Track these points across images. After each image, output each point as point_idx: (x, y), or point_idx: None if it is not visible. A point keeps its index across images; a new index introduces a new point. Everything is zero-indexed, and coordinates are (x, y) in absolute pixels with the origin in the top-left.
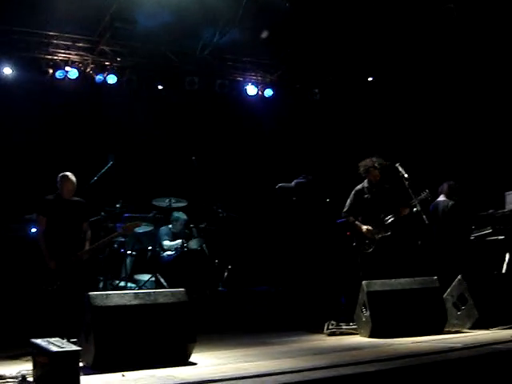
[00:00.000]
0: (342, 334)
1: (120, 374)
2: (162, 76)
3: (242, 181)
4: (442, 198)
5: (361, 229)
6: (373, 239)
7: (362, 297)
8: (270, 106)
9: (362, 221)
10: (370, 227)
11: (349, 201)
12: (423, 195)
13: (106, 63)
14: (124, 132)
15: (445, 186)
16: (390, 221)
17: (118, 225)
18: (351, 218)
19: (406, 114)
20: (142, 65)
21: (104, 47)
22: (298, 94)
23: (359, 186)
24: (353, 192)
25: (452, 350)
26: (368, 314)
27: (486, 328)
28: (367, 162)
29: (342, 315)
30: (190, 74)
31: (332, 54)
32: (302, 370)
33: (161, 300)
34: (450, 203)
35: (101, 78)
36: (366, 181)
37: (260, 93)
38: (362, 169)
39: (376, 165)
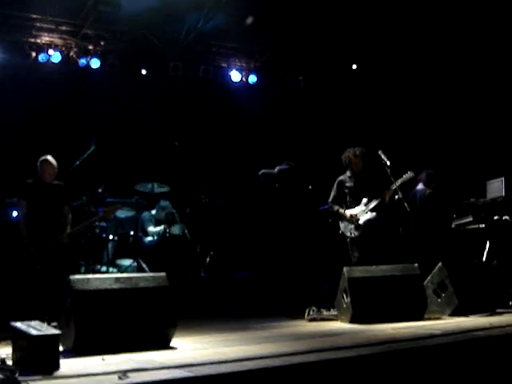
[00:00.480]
0: (322, 319)
1: (100, 357)
2: (145, 61)
3: (225, 167)
4: (420, 186)
5: (345, 215)
6: (358, 224)
7: (343, 283)
8: (254, 92)
9: (346, 209)
10: (353, 212)
11: (333, 191)
12: (406, 176)
13: (90, 47)
14: (107, 116)
15: (423, 175)
16: (373, 205)
17: (99, 209)
18: (335, 207)
19: (390, 101)
20: (126, 49)
21: (87, 31)
22: (282, 81)
23: (342, 176)
24: (336, 182)
25: (432, 336)
26: (349, 300)
27: (466, 315)
28: (347, 152)
29: (323, 301)
30: (173, 60)
31: (316, 41)
32: (282, 355)
33: (142, 284)
34: (428, 191)
35: (84, 61)
36: (348, 171)
37: (244, 79)
38: (343, 160)
39: (357, 153)
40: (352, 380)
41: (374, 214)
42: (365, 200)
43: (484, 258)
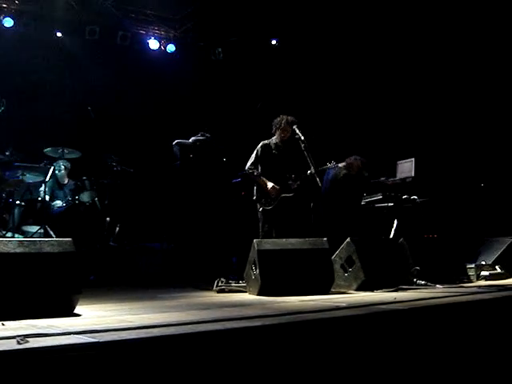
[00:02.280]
0: (231, 291)
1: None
2: (61, 23)
3: (139, 135)
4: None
5: (265, 185)
6: (276, 197)
7: (253, 255)
8: (172, 61)
9: (265, 177)
10: (275, 185)
11: (254, 154)
12: (328, 166)
13: (4, 5)
14: (18, 77)
15: (352, 159)
16: (295, 185)
17: (7, 173)
18: (255, 172)
19: (307, 78)
20: (41, 10)
21: None
22: (201, 52)
23: (267, 141)
24: (260, 146)
25: (337, 308)
26: (257, 272)
27: (371, 290)
28: (281, 117)
29: (232, 274)
30: (91, 23)
31: (237, 14)
32: (187, 323)
33: (46, 249)
34: (343, 172)
35: None
36: (274, 137)
37: (162, 48)
38: (275, 124)
39: (289, 121)
40: (258, 349)
41: (292, 193)
42: (285, 176)
43: (391, 236)
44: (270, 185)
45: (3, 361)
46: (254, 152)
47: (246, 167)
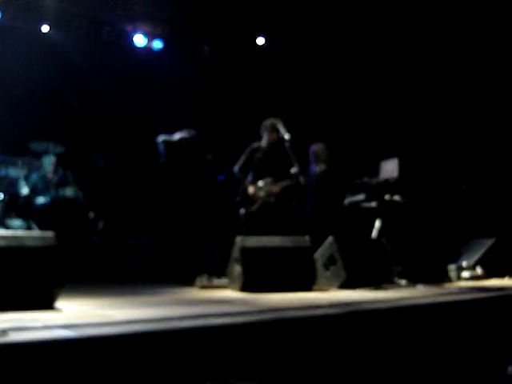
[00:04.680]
0: (213, 287)
1: None
2: (48, 17)
3: (123, 131)
4: (313, 165)
5: (248, 189)
6: (257, 201)
7: (236, 252)
8: (158, 58)
9: (251, 179)
10: (256, 189)
11: (243, 157)
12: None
13: None
14: (2, 71)
15: (310, 154)
16: (277, 189)
17: None
18: (240, 175)
19: (292, 76)
20: (29, 3)
21: None
22: (188, 50)
23: (256, 144)
24: (248, 149)
25: (318, 306)
26: (240, 269)
27: (353, 289)
28: (271, 120)
29: (215, 270)
30: (78, 18)
31: (224, 13)
32: (169, 319)
33: (28, 243)
34: (322, 168)
35: None
36: (263, 140)
37: (149, 44)
38: (264, 127)
39: (277, 127)
40: (239, 346)
41: (273, 199)
42: (269, 179)
43: (374, 236)
44: (253, 188)
45: None
46: (243, 154)
47: (234, 169)
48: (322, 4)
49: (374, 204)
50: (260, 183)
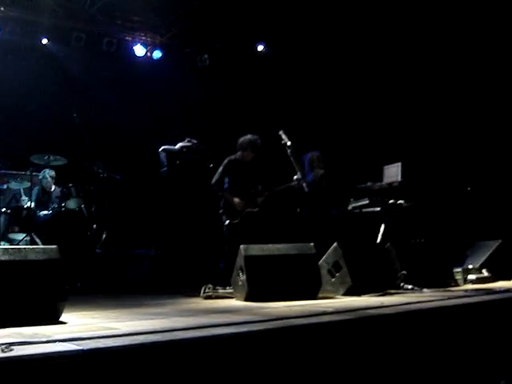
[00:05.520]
0: (217, 297)
1: None
2: (47, 30)
3: (125, 141)
4: (309, 173)
5: (232, 200)
6: (241, 211)
7: (240, 261)
8: (158, 68)
9: (231, 191)
10: (240, 200)
11: (221, 169)
12: (292, 183)
13: None
14: (3, 84)
15: (305, 164)
16: (260, 200)
17: None
18: (221, 187)
19: (293, 83)
20: (27, 16)
21: None
22: (188, 59)
23: (233, 157)
24: (226, 161)
25: (324, 313)
26: (244, 278)
27: (359, 295)
28: (248, 138)
29: (220, 280)
30: (77, 30)
31: (223, 20)
32: (173, 330)
33: (31, 256)
34: (320, 173)
35: None
36: (238, 154)
37: (148, 54)
38: (240, 143)
39: (253, 145)
40: (244, 355)
41: (257, 208)
42: (252, 190)
43: (378, 241)
44: (236, 199)
45: None
46: (221, 167)
47: (212, 182)
48: (322, 9)
49: (377, 208)
50: (242, 194)
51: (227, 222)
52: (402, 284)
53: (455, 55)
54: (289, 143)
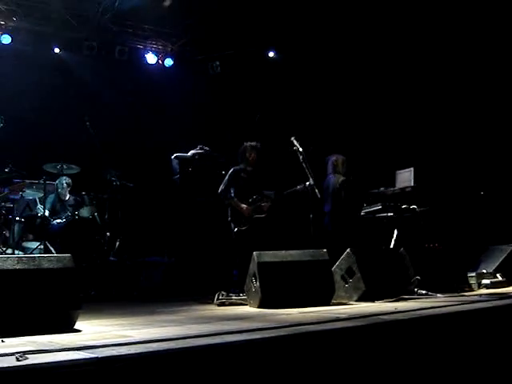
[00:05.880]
0: (231, 304)
1: None
2: (59, 39)
3: (138, 149)
4: (331, 175)
5: (240, 207)
6: (249, 218)
7: (253, 267)
8: (170, 75)
9: (238, 199)
10: (247, 207)
11: (226, 179)
12: (299, 187)
13: (1, 22)
14: (16, 94)
15: (328, 165)
16: (265, 204)
17: (5, 189)
18: (229, 195)
19: (304, 89)
20: (39, 26)
21: None
22: (199, 66)
23: (238, 167)
24: (231, 171)
25: (337, 319)
26: (258, 284)
27: (372, 300)
28: (243, 146)
29: (233, 287)
30: (89, 39)
31: (234, 27)
32: (186, 337)
33: (45, 265)
34: (341, 179)
35: None
36: (242, 163)
37: (160, 62)
38: (242, 150)
39: (251, 150)
40: (256, 362)
41: (265, 214)
42: (256, 197)
43: (391, 246)
44: (244, 206)
45: (2, 378)
46: (226, 176)
47: (219, 191)
48: (334, 15)
49: (390, 214)
50: (249, 201)
51: (236, 229)
52: (415, 289)
53: (469, 62)
54: (300, 149)
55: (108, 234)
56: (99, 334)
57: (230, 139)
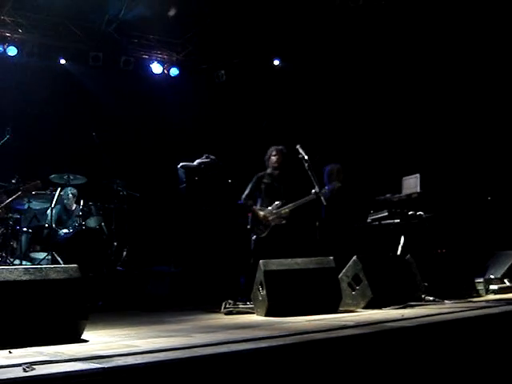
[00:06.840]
0: (238, 313)
1: (7, 350)
2: (65, 50)
3: (144, 159)
4: (328, 183)
5: (258, 214)
6: (268, 225)
7: (259, 276)
8: (176, 85)
9: (260, 205)
10: (266, 213)
11: (250, 185)
12: (309, 197)
13: (7, 34)
14: (23, 106)
15: (324, 175)
16: (286, 211)
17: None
18: (249, 202)
19: (310, 97)
20: (45, 38)
21: (5, 17)
22: (204, 75)
23: (261, 173)
24: (255, 177)
25: (344, 327)
26: (264, 292)
27: (379, 308)
28: (269, 149)
29: (240, 295)
30: (94, 50)
31: (239, 36)
32: (193, 347)
33: (52, 276)
34: (337, 186)
35: (0, 49)
36: (268, 168)
37: (165, 71)
38: (265, 158)
39: (275, 151)
40: (264, 371)
41: (284, 221)
42: (278, 203)
43: (398, 252)
44: (261, 213)
45: None
46: (250, 183)
47: (242, 197)
48: (339, 23)
49: (397, 220)
50: (270, 208)
51: (254, 236)
52: (423, 296)
53: (476, 69)
54: (306, 157)
55: (115, 243)
56: (106, 344)
57: (236, 147)
